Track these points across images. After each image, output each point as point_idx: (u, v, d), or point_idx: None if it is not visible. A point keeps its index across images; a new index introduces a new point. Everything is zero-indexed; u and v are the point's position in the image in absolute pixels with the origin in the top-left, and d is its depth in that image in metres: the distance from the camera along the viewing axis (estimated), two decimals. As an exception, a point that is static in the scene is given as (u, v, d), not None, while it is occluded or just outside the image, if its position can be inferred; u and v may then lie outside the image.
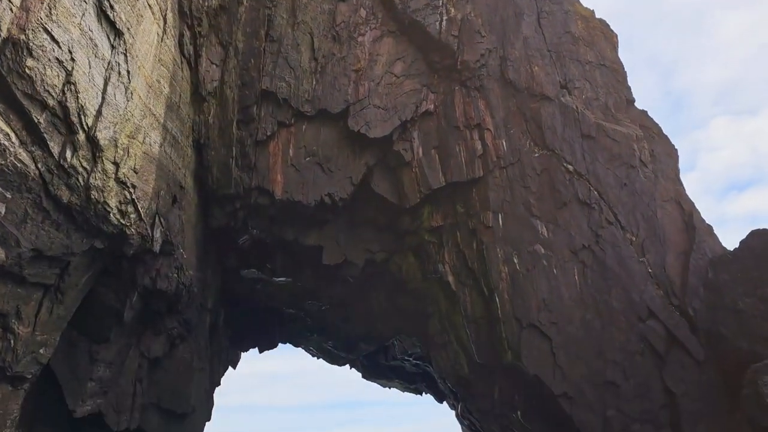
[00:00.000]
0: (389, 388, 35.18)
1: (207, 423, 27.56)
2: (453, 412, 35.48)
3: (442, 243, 18.59)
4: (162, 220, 16.20)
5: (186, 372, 20.41)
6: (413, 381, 31.58)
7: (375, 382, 33.79)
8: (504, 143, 17.89)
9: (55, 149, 11.21)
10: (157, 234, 16.07)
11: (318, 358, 33.55)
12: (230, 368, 29.63)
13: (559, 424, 16.15)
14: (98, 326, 16.92)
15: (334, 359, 29.24)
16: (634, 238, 17.23)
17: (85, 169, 12.00)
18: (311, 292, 22.76)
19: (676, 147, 19.02)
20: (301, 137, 18.52)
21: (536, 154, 17.94)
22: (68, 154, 11.50)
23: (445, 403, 35.57)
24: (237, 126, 18.28)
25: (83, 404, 16.99)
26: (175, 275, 17.53)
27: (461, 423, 31.84)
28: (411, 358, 27.16)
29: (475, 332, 17.66)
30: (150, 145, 14.89)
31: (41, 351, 14.51)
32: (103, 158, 12.43)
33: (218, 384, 25.42)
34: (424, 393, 33.39)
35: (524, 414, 16.92)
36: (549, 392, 15.90)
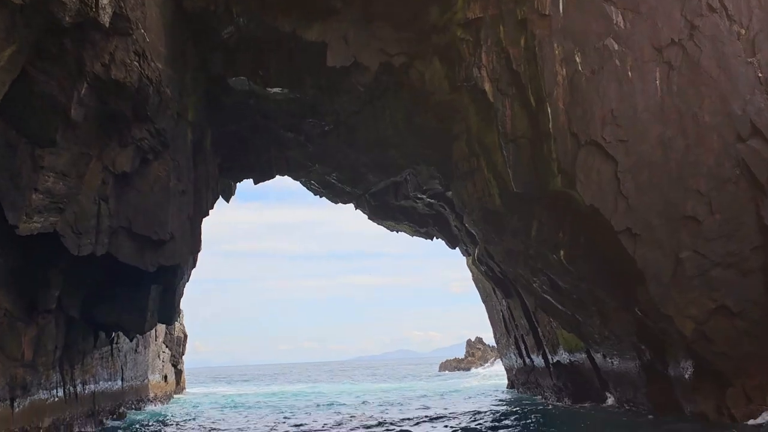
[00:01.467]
0: (396, 231, 32.49)
1: (197, 254, 25.03)
2: (464, 260, 33.03)
3: (479, 41, 14.45)
4: (110, -19, 12.06)
5: (162, 193, 17.17)
6: (424, 224, 28.73)
7: (382, 224, 31.00)
8: None
9: None
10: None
11: (321, 197, 30.56)
12: (225, 203, 26.65)
13: (615, 267, 13.07)
14: (40, 124, 13.41)
15: (338, 195, 26.05)
16: (742, 31, 13.08)
17: None
18: (312, 108, 18.98)
19: None
20: None
21: None
22: None
23: (457, 249, 33.10)
24: None
25: (29, 220, 13.89)
26: (136, 64, 13.66)
27: (477, 269, 29.39)
28: (425, 196, 23.94)
29: (515, 154, 14.05)
30: None
31: (-44, 147, 11.06)
32: None
33: (206, 214, 22.40)
34: (435, 237, 30.75)
35: (569, 255, 13.80)
36: (608, 227, 12.63)
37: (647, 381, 14.75)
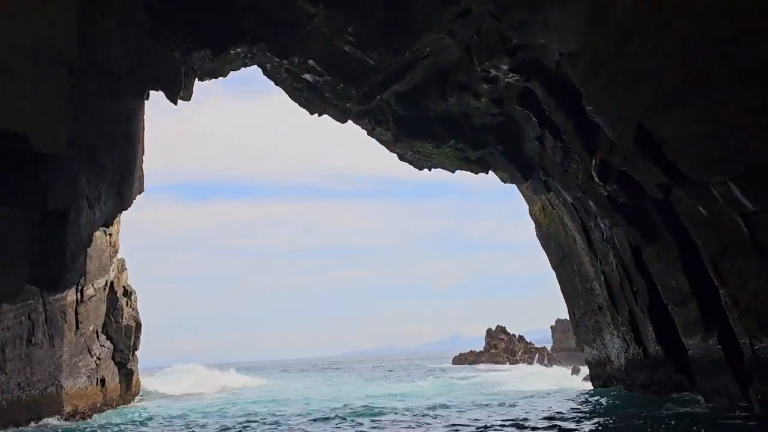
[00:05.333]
0: (429, 167, 22.54)
1: (129, 173, 15.63)
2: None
3: None
4: None
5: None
6: (480, 143, 18.77)
7: (410, 151, 21.05)
8: None
9: None
10: None
11: (319, 114, 20.95)
12: (162, 91, 16.52)
13: None
14: None
15: (351, 82, 16.01)
16: None
17: None
18: None
19: None
20: None
21: None
22: None
23: (515, 189, 23.18)
24: None
25: None
26: None
27: (564, 210, 19.48)
28: (505, 67, 13.90)
29: None
30: None
31: None
32: None
33: (109, 66, 12.50)
34: (491, 169, 20.78)
35: None
36: None
37: None
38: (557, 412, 15.81)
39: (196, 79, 18.81)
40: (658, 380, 16.85)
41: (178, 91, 16.49)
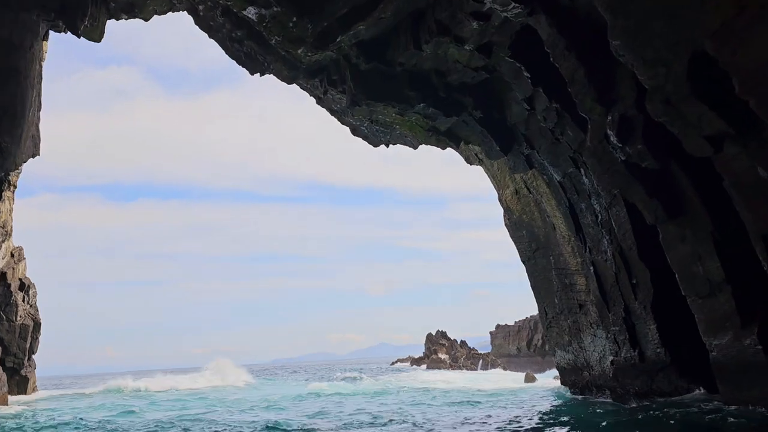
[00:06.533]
0: (387, 142, 19.55)
1: None
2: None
3: None
4: None
5: None
6: (454, 108, 15.94)
7: (371, 116, 17.96)
8: None
9: None
10: None
11: (261, 74, 18.01)
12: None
13: None
14: None
15: (305, 15, 12.85)
16: None
17: None
18: None
19: None
20: None
21: None
22: None
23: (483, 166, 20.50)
24: None
25: None
26: None
27: (554, 187, 16.77)
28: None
29: None
30: None
31: None
32: None
33: None
34: (462, 143, 17.93)
35: None
36: None
37: None
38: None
39: (112, 17, 15.14)
40: (658, 388, 14.39)
41: (81, 18, 12.80)
